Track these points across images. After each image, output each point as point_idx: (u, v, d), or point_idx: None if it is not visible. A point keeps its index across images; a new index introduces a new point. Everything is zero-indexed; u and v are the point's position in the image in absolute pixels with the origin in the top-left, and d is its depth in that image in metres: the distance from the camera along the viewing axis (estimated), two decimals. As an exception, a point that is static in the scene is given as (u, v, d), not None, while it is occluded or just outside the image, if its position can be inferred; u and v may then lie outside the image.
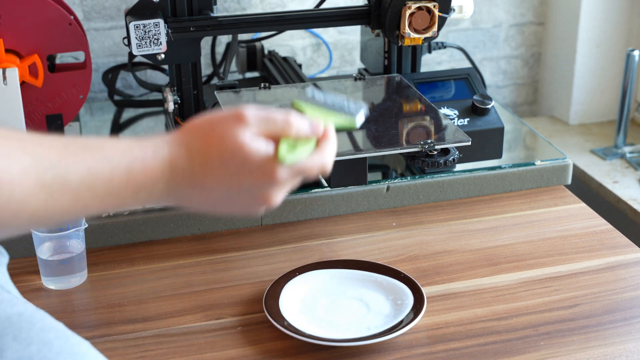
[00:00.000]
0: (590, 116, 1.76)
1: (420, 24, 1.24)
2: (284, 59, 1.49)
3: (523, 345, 0.92)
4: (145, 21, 1.14)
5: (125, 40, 1.16)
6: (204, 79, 1.54)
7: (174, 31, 1.19)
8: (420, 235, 1.15)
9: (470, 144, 1.10)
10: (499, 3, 1.75)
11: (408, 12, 1.22)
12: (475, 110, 1.27)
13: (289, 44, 1.66)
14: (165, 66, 1.48)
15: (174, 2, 1.20)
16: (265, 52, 1.51)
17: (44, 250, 1.03)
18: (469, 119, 1.26)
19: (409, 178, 1.23)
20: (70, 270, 1.03)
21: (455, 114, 1.26)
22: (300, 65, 1.48)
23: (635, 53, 1.50)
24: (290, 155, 0.71)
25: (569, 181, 1.30)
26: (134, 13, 1.16)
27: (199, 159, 0.69)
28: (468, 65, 1.69)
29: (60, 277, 1.03)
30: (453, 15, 1.27)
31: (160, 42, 1.15)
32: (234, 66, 1.54)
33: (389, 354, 0.90)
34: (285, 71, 1.43)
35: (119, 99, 1.54)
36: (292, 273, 1.02)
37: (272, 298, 0.97)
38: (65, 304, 1.00)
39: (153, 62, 1.18)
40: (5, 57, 1.16)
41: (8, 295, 0.70)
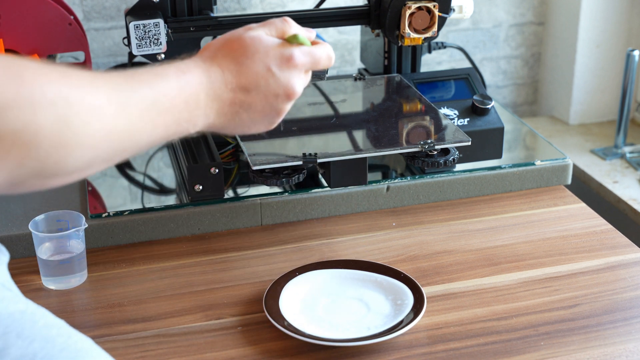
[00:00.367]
0: (590, 116, 1.76)
1: (420, 24, 1.24)
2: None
3: (523, 345, 0.92)
4: (145, 21, 1.14)
5: (125, 40, 1.16)
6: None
7: (174, 31, 1.19)
8: (420, 235, 1.15)
9: (470, 144, 1.10)
10: (499, 3, 1.75)
11: (408, 12, 1.23)
12: (475, 110, 1.27)
13: (289, 44, 1.66)
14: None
15: (174, 2, 1.20)
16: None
17: (44, 250, 1.03)
18: (469, 119, 1.26)
19: (409, 178, 1.23)
20: (70, 270, 1.03)
21: (455, 114, 1.26)
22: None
23: (635, 53, 1.50)
24: (299, 36, 0.85)
25: (569, 181, 1.30)
26: (134, 13, 1.16)
27: (227, 63, 0.81)
28: (468, 65, 1.69)
29: (60, 277, 1.03)
30: (453, 15, 1.27)
31: (160, 42, 1.15)
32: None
33: (389, 354, 0.90)
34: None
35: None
36: (292, 273, 1.02)
37: (272, 298, 0.97)
38: (65, 304, 1.00)
39: (153, 62, 1.18)
40: (5, 57, 1.16)
41: (9, 293, 0.70)
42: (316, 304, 0.97)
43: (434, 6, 1.23)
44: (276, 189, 1.18)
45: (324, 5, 1.39)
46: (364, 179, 1.09)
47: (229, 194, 1.19)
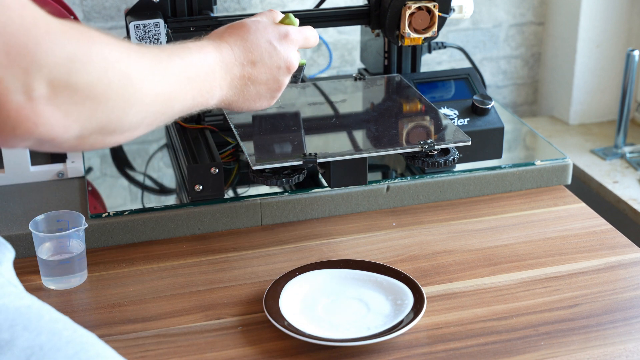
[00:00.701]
0: (590, 116, 1.76)
1: (420, 24, 1.24)
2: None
3: (523, 345, 0.92)
4: (145, 21, 1.14)
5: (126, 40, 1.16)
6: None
7: (174, 31, 1.19)
8: (420, 235, 1.15)
9: (470, 144, 1.10)
10: (499, 3, 1.75)
11: (408, 12, 1.23)
12: (475, 110, 1.27)
13: (289, 44, 1.66)
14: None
15: (174, 2, 1.20)
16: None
17: (44, 250, 1.03)
18: (469, 119, 1.26)
19: (409, 178, 1.23)
20: (70, 270, 1.03)
21: (455, 114, 1.26)
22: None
23: (635, 53, 1.50)
24: (290, 16, 0.99)
25: (569, 181, 1.30)
26: (134, 13, 1.16)
27: (234, 40, 0.92)
28: (468, 65, 1.69)
29: (60, 277, 1.03)
30: (453, 15, 1.27)
31: (160, 42, 1.15)
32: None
33: (389, 354, 0.90)
34: (285, 71, 1.43)
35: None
36: (292, 273, 1.02)
37: (272, 298, 0.97)
38: (65, 304, 1.00)
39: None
40: (5, 57, 1.16)
41: (15, 289, 0.71)
42: (316, 304, 0.97)
43: (434, 6, 1.23)
44: (276, 189, 1.18)
45: (324, 5, 1.39)
46: (364, 179, 1.09)
47: (229, 194, 1.19)
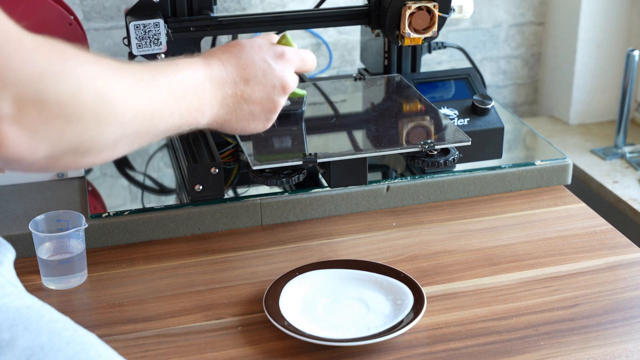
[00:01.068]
0: (590, 116, 1.76)
1: (420, 24, 1.24)
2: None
3: (523, 345, 0.92)
4: (145, 21, 1.14)
5: (125, 40, 1.16)
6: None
7: (174, 31, 1.19)
8: (420, 235, 1.15)
9: (470, 144, 1.10)
10: (499, 3, 1.75)
11: (408, 12, 1.22)
12: (475, 110, 1.27)
13: (289, 44, 1.66)
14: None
15: (174, 2, 1.20)
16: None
17: (44, 250, 1.03)
18: (469, 119, 1.26)
19: (409, 178, 1.23)
20: (70, 270, 1.03)
21: (455, 114, 1.26)
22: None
23: (635, 53, 1.50)
24: (287, 35, 0.99)
25: (569, 181, 1.30)
26: (134, 13, 1.16)
27: (227, 57, 0.90)
28: (468, 65, 1.69)
29: (60, 277, 1.03)
30: (453, 15, 1.27)
31: (160, 42, 1.15)
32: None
33: (389, 354, 0.90)
34: (285, 71, 1.43)
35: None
36: (292, 273, 1.02)
37: (272, 298, 0.97)
38: (65, 304, 1.00)
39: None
40: (5, 57, 1.16)
41: (15, 289, 0.71)
42: (316, 304, 0.97)
43: (434, 6, 1.23)
44: (276, 189, 1.18)
45: (324, 5, 1.39)
46: (364, 179, 1.09)
47: (229, 194, 1.19)
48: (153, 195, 1.24)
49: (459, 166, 1.25)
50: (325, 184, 1.20)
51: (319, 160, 1.05)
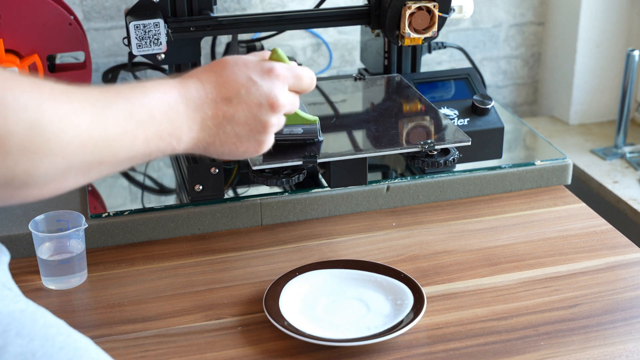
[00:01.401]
0: (590, 116, 1.76)
1: (420, 24, 1.24)
2: (284, 59, 1.49)
3: (523, 345, 0.92)
4: (145, 21, 1.14)
5: (125, 40, 1.16)
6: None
7: (174, 31, 1.19)
8: (420, 235, 1.15)
9: (470, 144, 1.10)
10: (499, 3, 1.75)
11: (408, 12, 1.23)
12: (475, 110, 1.27)
13: (289, 44, 1.66)
14: (166, 66, 1.48)
15: (174, 2, 1.20)
16: (265, 52, 1.51)
17: (44, 250, 1.03)
18: (469, 119, 1.26)
19: (409, 178, 1.23)
20: (70, 270, 1.03)
21: (455, 114, 1.26)
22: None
23: (635, 53, 1.50)
24: (278, 50, 0.89)
25: (569, 181, 1.30)
26: (134, 13, 1.16)
27: (207, 76, 0.82)
28: (468, 65, 1.69)
29: (60, 277, 1.03)
30: (453, 15, 1.27)
31: (160, 42, 1.15)
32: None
33: (389, 354, 0.90)
34: (285, 71, 1.43)
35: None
36: (292, 273, 1.02)
37: (272, 298, 0.97)
38: (65, 304, 1.00)
39: (153, 62, 1.18)
40: (5, 57, 1.16)
41: (10, 292, 0.71)
42: (316, 304, 0.97)
43: (434, 6, 1.23)
44: (276, 189, 1.18)
45: (324, 5, 1.39)
46: (364, 179, 1.09)
47: (229, 194, 1.19)
48: (153, 195, 1.24)
49: (459, 166, 1.25)
50: (325, 184, 1.20)
51: (319, 160, 1.05)
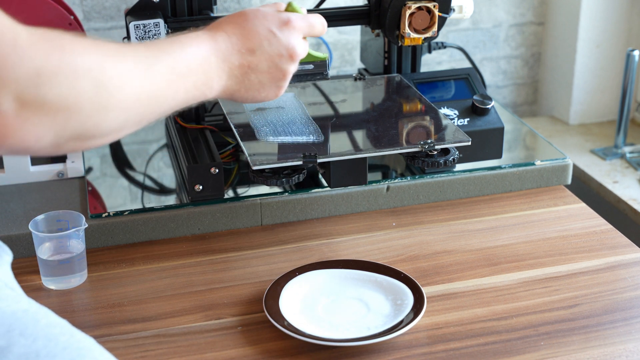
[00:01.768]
0: (590, 116, 1.76)
1: (420, 24, 1.24)
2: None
3: (523, 345, 0.92)
4: (145, 21, 1.14)
5: (125, 40, 1.16)
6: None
7: (174, 31, 1.18)
8: (420, 235, 1.15)
9: (470, 144, 1.10)
10: (499, 3, 1.75)
11: (408, 12, 1.23)
12: (475, 110, 1.27)
13: (289, 44, 1.66)
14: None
15: (174, 2, 1.20)
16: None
17: (44, 250, 1.03)
18: (469, 119, 1.26)
19: (409, 178, 1.23)
20: (70, 270, 1.03)
21: (455, 114, 1.26)
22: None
23: (635, 53, 1.50)
24: (293, 4, 0.97)
25: (569, 181, 1.30)
26: (134, 13, 1.16)
27: (231, 28, 0.90)
28: (468, 65, 1.69)
29: (60, 277, 1.03)
30: (453, 15, 1.27)
31: (160, 42, 1.15)
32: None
33: (389, 354, 0.90)
34: (285, 71, 1.43)
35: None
36: (292, 273, 1.02)
37: (272, 298, 0.97)
38: (65, 304, 1.00)
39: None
40: (5, 57, 1.16)
41: (12, 292, 0.71)
42: (316, 304, 0.97)
43: (434, 6, 1.23)
44: (276, 189, 1.18)
45: (324, 5, 1.39)
46: (364, 179, 1.09)
47: (229, 194, 1.19)
48: (153, 195, 1.24)
49: (459, 166, 1.25)
50: (325, 184, 1.20)
51: (319, 160, 1.05)
